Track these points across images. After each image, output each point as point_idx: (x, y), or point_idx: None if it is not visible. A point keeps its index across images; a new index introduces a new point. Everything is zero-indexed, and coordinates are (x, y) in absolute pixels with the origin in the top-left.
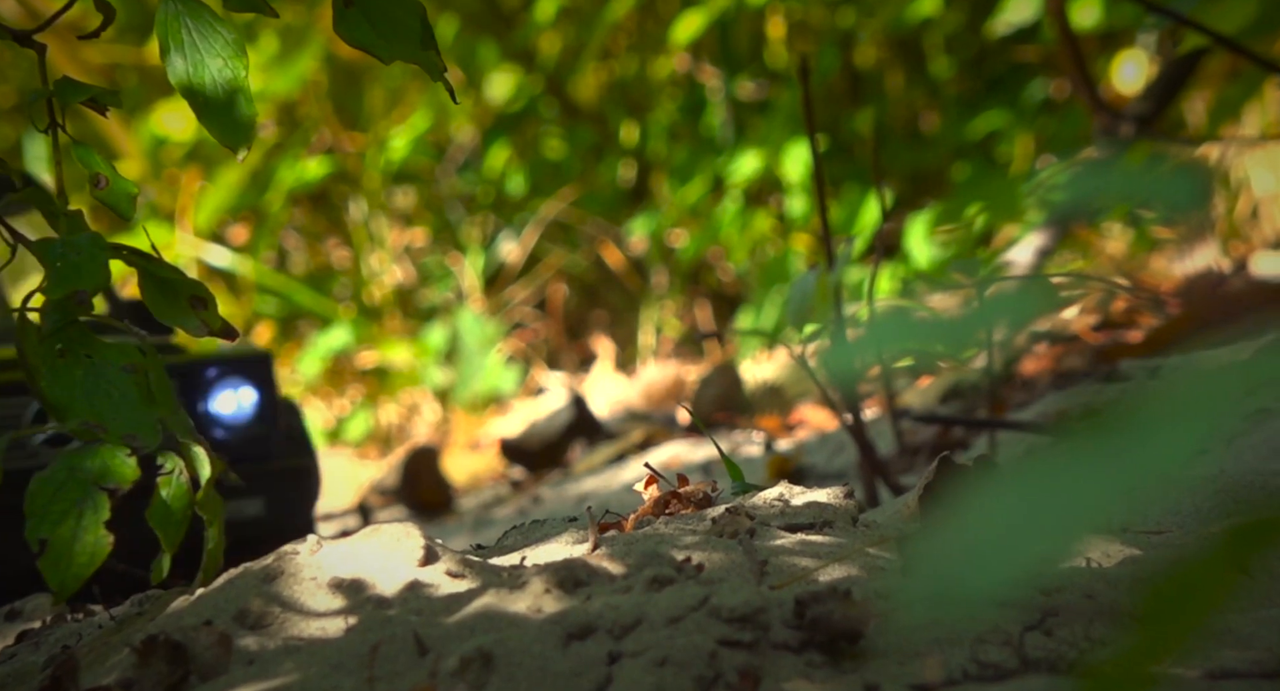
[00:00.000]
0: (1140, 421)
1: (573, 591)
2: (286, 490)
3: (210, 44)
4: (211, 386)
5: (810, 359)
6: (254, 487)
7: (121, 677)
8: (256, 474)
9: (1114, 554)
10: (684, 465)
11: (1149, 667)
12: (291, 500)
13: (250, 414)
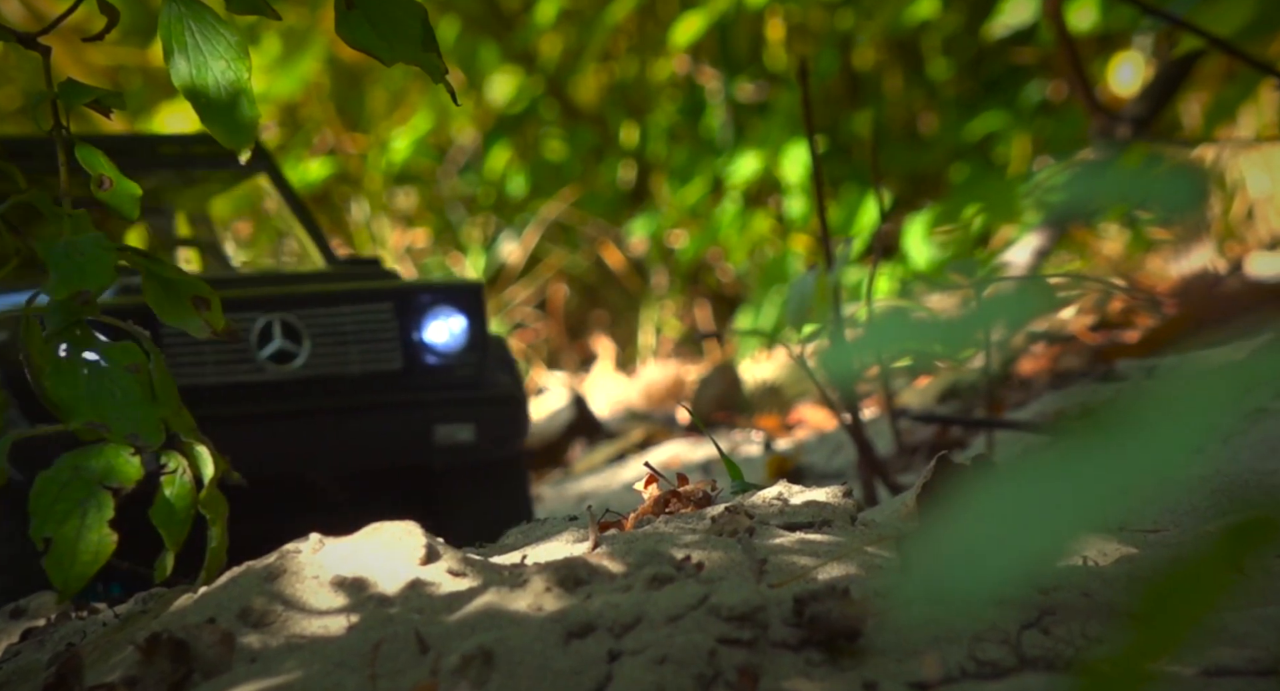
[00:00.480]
0: (1137, 421)
1: (573, 590)
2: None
3: (213, 46)
4: (424, 314)
5: (809, 359)
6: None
7: (125, 675)
8: (467, 401)
9: (1111, 552)
10: (684, 464)
11: (1146, 665)
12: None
13: (461, 342)
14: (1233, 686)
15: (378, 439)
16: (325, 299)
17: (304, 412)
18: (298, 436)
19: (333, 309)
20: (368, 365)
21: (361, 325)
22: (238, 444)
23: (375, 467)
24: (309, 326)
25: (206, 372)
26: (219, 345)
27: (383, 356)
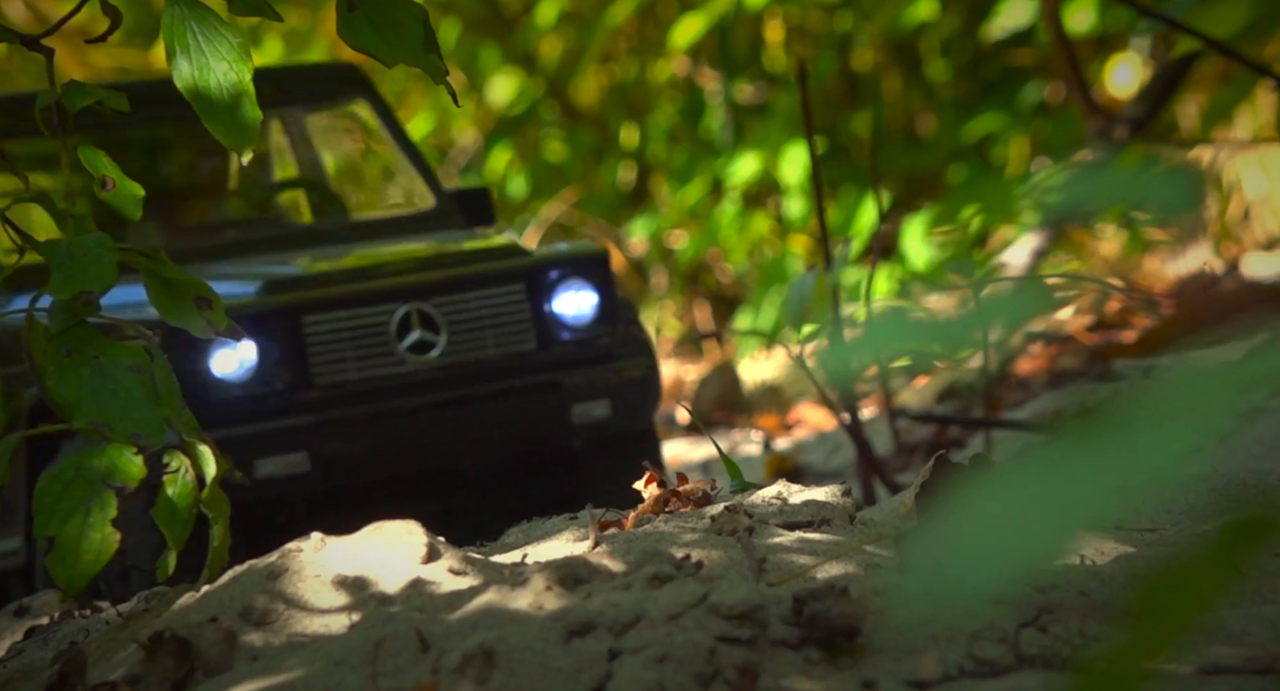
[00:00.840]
0: (1134, 420)
1: (573, 588)
2: (629, 392)
3: (215, 48)
4: (554, 287)
5: (808, 359)
6: (600, 391)
7: (128, 673)
8: (602, 377)
9: (1108, 551)
10: (683, 464)
11: (1143, 663)
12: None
13: (591, 315)
14: (1229, 684)
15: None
16: (459, 284)
17: (444, 403)
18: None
19: (467, 294)
20: (503, 348)
21: (495, 308)
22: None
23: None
24: (445, 314)
25: (349, 369)
26: (360, 340)
27: (517, 337)
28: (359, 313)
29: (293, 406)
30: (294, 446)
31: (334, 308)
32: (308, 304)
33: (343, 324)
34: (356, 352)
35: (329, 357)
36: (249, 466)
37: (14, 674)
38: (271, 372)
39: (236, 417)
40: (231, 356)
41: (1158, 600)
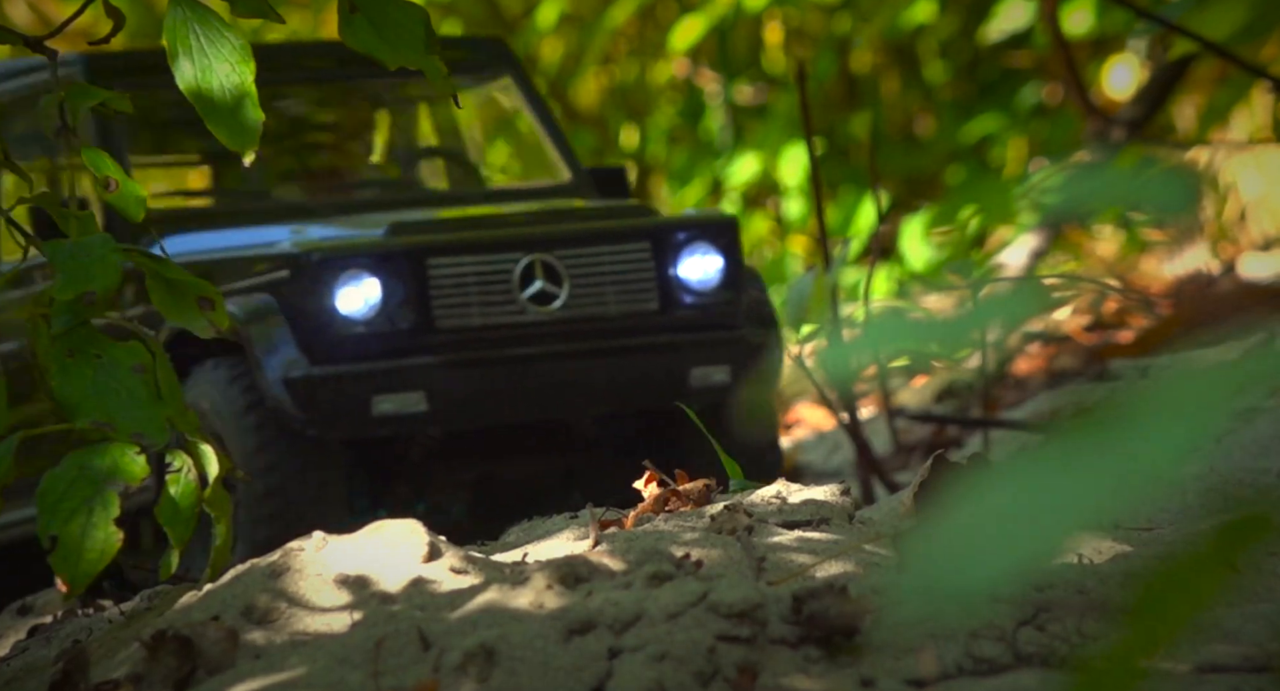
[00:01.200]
0: (1131, 420)
1: (574, 587)
2: (751, 360)
3: (218, 49)
4: (679, 251)
5: (807, 358)
6: (720, 356)
7: (131, 672)
8: (723, 342)
9: (1105, 550)
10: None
11: (1140, 662)
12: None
13: (716, 280)
14: (1226, 682)
15: (634, 381)
16: (584, 238)
17: (563, 355)
18: (556, 378)
19: (592, 249)
20: (625, 305)
21: (619, 265)
22: (499, 385)
23: (630, 410)
24: (568, 267)
25: (471, 314)
26: (483, 287)
27: (640, 296)
28: (483, 259)
29: (413, 347)
30: (412, 386)
31: (459, 252)
32: (433, 247)
33: (467, 269)
34: (479, 298)
35: (451, 301)
36: (367, 402)
37: (17, 672)
38: (394, 313)
39: (357, 354)
40: (357, 294)
41: (1155, 599)
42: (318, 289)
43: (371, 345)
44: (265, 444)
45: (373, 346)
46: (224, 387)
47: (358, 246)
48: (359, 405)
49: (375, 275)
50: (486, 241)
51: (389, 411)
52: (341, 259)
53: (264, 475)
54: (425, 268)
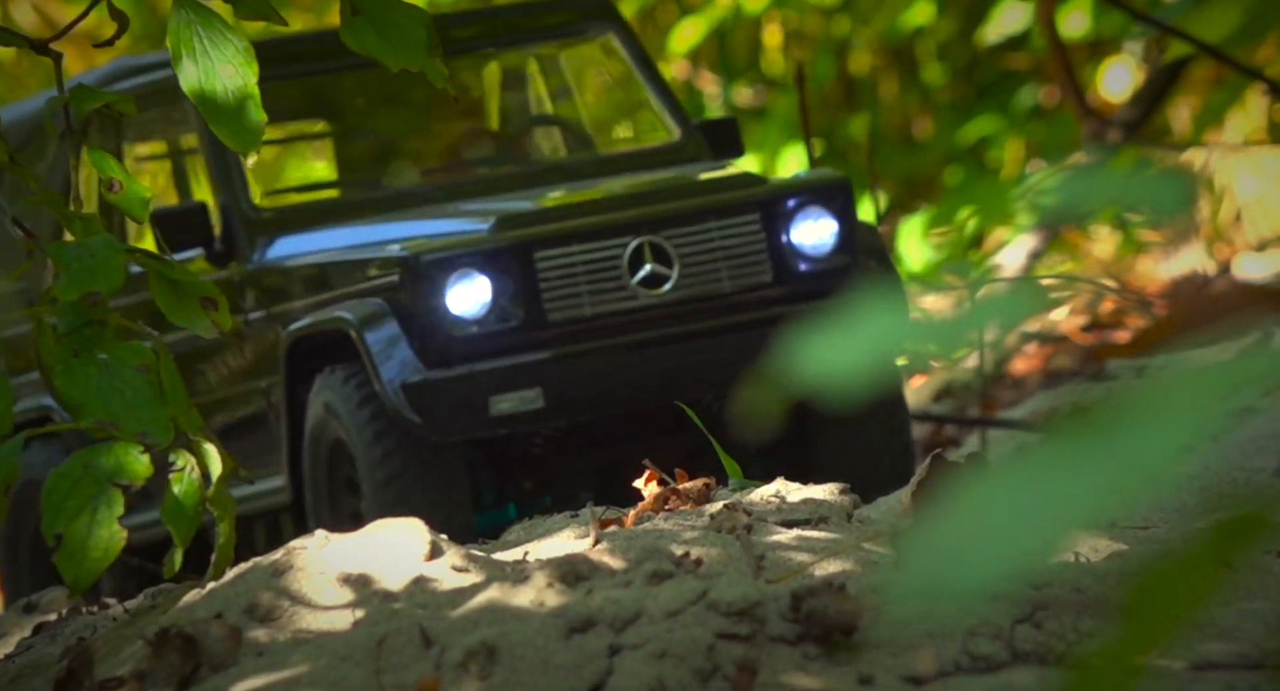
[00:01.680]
0: (1127, 420)
1: (574, 585)
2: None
3: (221, 51)
4: (791, 216)
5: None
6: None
7: (135, 669)
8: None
9: (1102, 549)
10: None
11: (1136, 659)
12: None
13: (831, 245)
14: (1221, 680)
15: (752, 360)
16: (691, 216)
17: (678, 337)
18: (672, 362)
19: (700, 226)
20: (738, 280)
21: (729, 239)
22: (616, 375)
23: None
24: (677, 247)
25: (582, 304)
26: (593, 275)
27: (752, 269)
28: (591, 247)
29: (526, 343)
30: (528, 383)
31: (566, 243)
32: (540, 239)
33: (575, 259)
34: (589, 287)
35: (562, 293)
36: (484, 403)
37: (23, 669)
38: (506, 309)
39: (472, 355)
40: (467, 293)
41: (1151, 597)
42: (429, 291)
43: (485, 344)
44: (389, 453)
45: (486, 345)
46: (347, 396)
47: (465, 245)
48: (476, 406)
49: (484, 273)
50: (593, 228)
51: (507, 410)
52: (450, 259)
53: (388, 485)
54: (533, 261)
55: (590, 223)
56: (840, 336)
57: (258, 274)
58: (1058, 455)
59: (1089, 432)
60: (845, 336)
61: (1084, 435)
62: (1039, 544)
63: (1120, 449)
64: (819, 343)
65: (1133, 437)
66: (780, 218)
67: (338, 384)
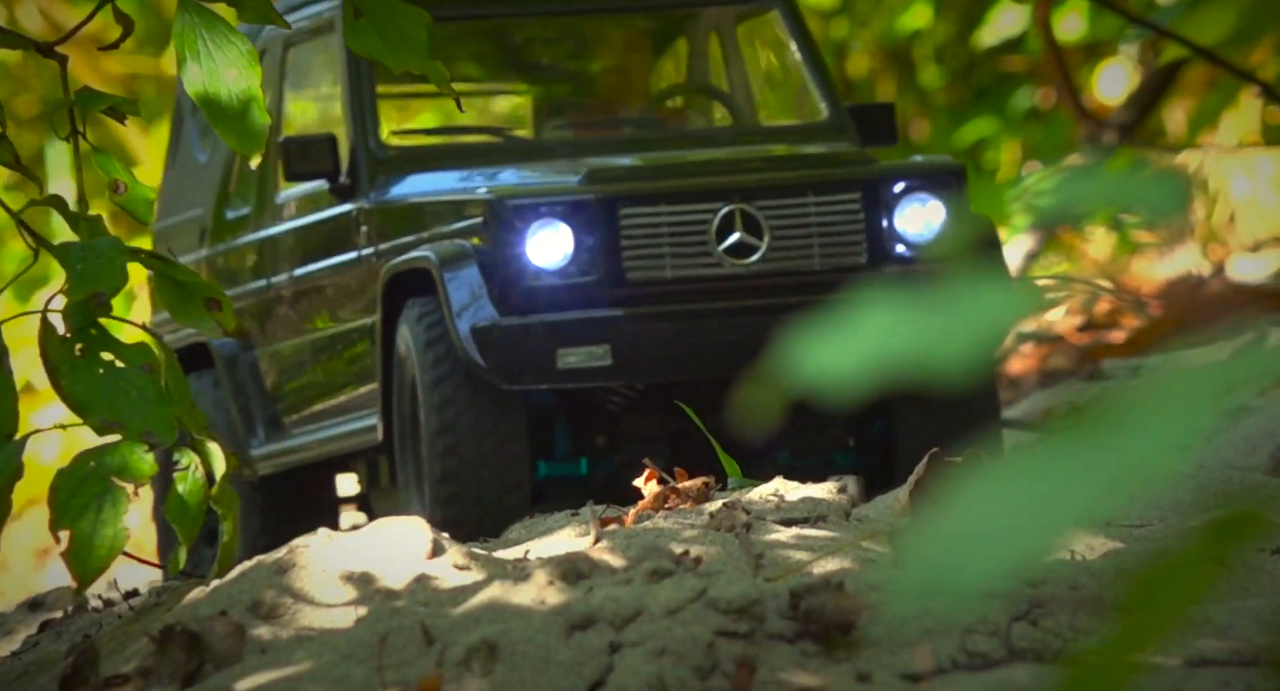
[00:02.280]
0: (1123, 419)
1: (575, 583)
2: None
3: (225, 55)
4: (897, 201)
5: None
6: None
7: (140, 666)
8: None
9: (1097, 547)
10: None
11: (1132, 656)
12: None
13: (936, 233)
14: (1215, 676)
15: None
16: (788, 188)
17: (757, 310)
18: (749, 334)
19: (795, 199)
20: (830, 259)
21: (826, 216)
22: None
23: None
24: (769, 218)
25: (663, 266)
26: (677, 238)
27: (847, 250)
28: (679, 209)
29: (601, 299)
30: (597, 339)
31: (653, 202)
32: (626, 196)
33: (661, 219)
34: (672, 250)
35: (643, 252)
36: (552, 355)
37: (29, 666)
38: (585, 263)
39: (545, 305)
40: (548, 243)
41: (1146, 594)
42: (509, 237)
43: (559, 296)
44: (450, 396)
45: (561, 297)
46: (419, 334)
47: (550, 194)
48: (543, 357)
49: (567, 224)
50: (682, 190)
51: (573, 364)
52: (533, 207)
53: (444, 431)
54: (617, 217)
55: (680, 184)
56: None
57: (372, 210)
58: (1054, 454)
59: (1085, 432)
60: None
61: (1080, 434)
62: (1035, 542)
63: (1116, 448)
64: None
65: (1128, 437)
66: (884, 200)
67: (413, 321)
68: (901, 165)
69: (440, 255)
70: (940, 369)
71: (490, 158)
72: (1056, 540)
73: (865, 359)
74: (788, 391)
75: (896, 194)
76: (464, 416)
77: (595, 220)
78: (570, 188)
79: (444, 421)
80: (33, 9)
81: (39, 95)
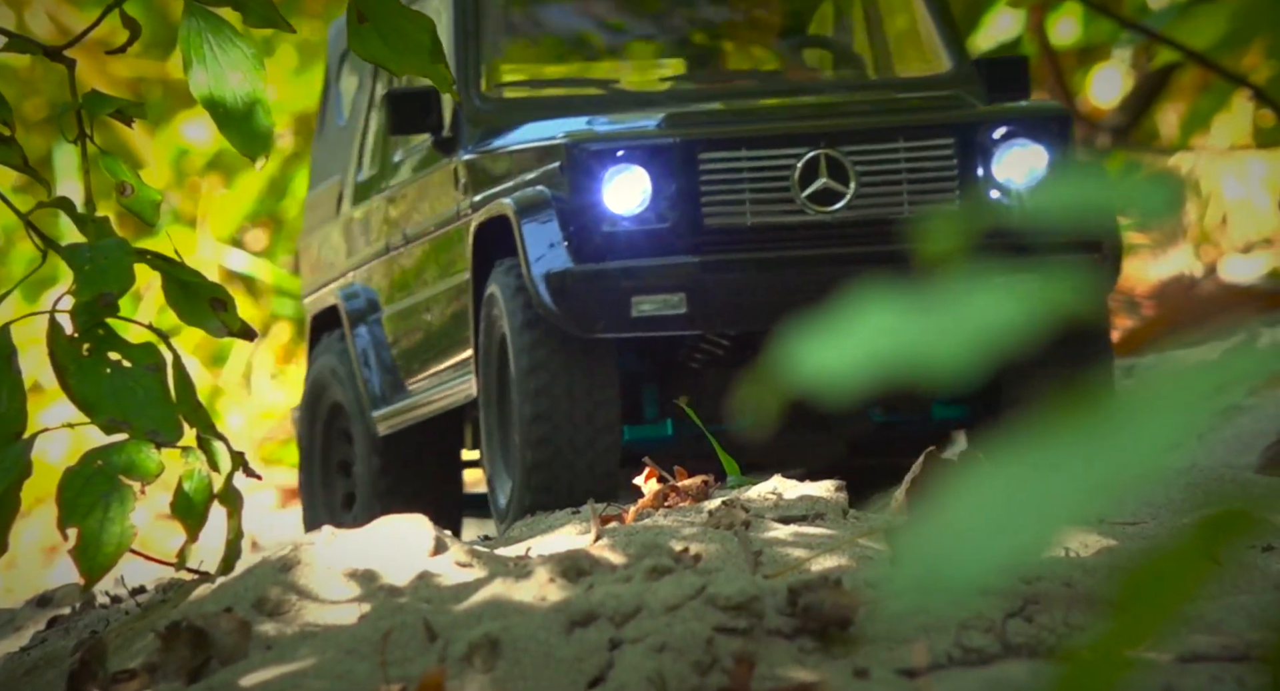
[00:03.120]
0: (1117, 418)
1: (576, 581)
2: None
3: (230, 58)
4: (995, 147)
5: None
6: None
7: (147, 661)
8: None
9: (1091, 544)
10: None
11: (1124, 652)
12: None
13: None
14: (1207, 672)
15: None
16: (877, 133)
17: (840, 260)
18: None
19: (884, 144)
20: (920, 208)
21: (917, 163)
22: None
23: None
24: (856, 164)
25: (743, 212)
26: (758, 184)
27: (938, 198)
28: (760, 154)
29: (678, 246)
30: (673, 287)
31: (733, 147)
32: (706, 140)
33: (742, 164)
34: (753, 196)
35: (722, 199)
36: (626, 302)
37: (37, 661)
38: (662, 208)
39: (620, 251)
40: (625, 187)
41: (1139, 591)
42: (585, 181)
43: (635, 242)
44: (534, 344)
45: (636, 243)
46: (505, 285)
47: (626, 137)
48: (617, 305)
49: (645, 168)
50: (765, 135)
51: (648, 312)
52: (609, 150)
53: (530, 376)
54: (696, 162)
55: (762, 129)
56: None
57: (468, 164)
58: (1048, 453)
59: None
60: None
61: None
62: (1030, 539)
63: (1110, 446)
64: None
65: (1122, 435)
66: (982, 145)
67: (501, 273)
68: (1001, 109)
69: (519, 203)
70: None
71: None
72: (1051, 537)
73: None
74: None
75: (996, 139)
76: (548, 366)
77: (673, 165)
78: (648, 131)
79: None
80: (41, 14)
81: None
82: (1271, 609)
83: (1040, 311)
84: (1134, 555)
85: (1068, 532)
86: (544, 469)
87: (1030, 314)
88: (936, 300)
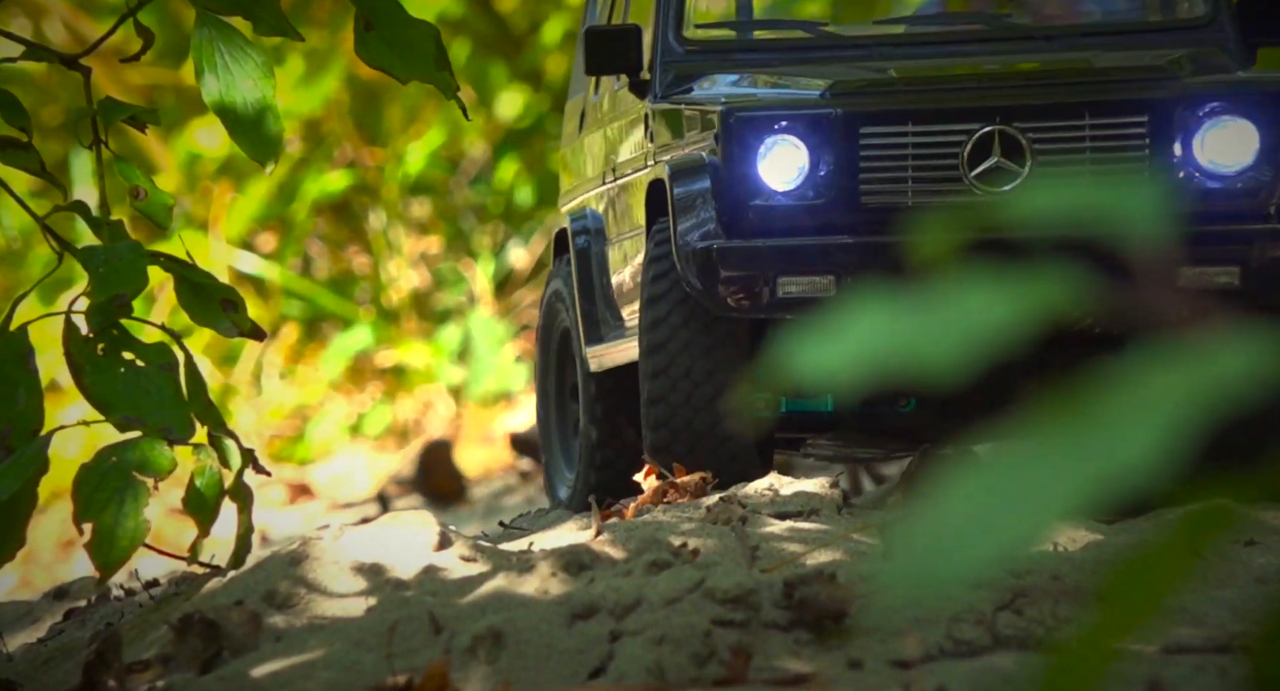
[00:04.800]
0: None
1: (577, 574)
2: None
3: (241, 66)
4: (1197, 124)
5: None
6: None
7: (161, 652)
8: (1231, 237)
9: (1079, 539)
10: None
11: (1111, 644)
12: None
13: (1249, 162)
14: (1191, 663)
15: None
16: (1057, 110)
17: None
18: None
19: (1067, 122)
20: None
21: (1104, 142)
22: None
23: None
24: (1034, 141)
25: (904, 191)
26: (923, 161)
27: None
28: (927, 129)
29: (832, 225)
30: (822, 269)
31: (899, 121)
32: (868, 114)
33: (906, 140)
34: (917, 174)
35: (883, 176)
36: (773, 282)
37: (54, 653)
38: (818, 185)
39: (772, 228)
40: (781, 160)
41: (1125, 585)
42: (739, 152)
43: (788, 218)
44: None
45: (789, 220)
46: (650, 250)
47: (785, 106)
48: (763, 285)
49: (803, 140)
50: (933, 109)
51: (794, 294)
52: (764, 120)
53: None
54: (857, 136)
55: (932, 102)
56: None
57: (657, 111)
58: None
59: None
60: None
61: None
62: (1020, 534)
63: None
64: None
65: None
66: (1182, 123)
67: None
68: (1203, 82)
69: (675, 167)
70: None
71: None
72: (1040, 532)
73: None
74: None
75: (1199, 116)
76: (672, 340)
77: (833, 138)
78: (809, 100)
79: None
80: (58, 23)
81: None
82: (1253, 602)
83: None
84: (1120, 549)
85: (1056, 528)
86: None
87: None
88: (928, 300)
